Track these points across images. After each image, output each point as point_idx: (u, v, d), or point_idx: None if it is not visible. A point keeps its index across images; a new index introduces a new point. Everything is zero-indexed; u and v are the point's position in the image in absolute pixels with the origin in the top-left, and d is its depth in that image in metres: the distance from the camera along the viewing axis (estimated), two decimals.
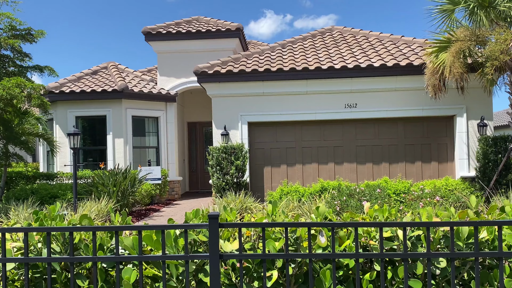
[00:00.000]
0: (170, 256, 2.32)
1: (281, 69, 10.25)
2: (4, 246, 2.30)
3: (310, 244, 2.26)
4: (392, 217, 2.77)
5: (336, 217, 7.02)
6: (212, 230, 2.21)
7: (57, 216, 2.78)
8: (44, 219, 2.73)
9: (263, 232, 2.25)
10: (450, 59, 8.25)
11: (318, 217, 2.76)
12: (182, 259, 2.31)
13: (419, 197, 8.18)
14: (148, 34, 13.11)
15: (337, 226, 2.22)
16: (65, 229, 2.32)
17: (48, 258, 2.33)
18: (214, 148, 10.11)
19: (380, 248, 2.28)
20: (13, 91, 8.42)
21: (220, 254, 2.25)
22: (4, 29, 9.48)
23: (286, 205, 8.45)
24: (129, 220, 3.05)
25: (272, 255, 2.29)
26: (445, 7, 8.76)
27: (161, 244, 2.36)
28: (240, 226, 2.25)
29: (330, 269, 2.59)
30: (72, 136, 8.55)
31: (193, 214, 2.83)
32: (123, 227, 2.31)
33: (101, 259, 2.33)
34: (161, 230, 2.32)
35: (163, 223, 8.63)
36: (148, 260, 2.35)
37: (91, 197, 9.53)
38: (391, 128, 10.60)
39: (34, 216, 3.06)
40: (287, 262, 2.27)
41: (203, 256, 2.30)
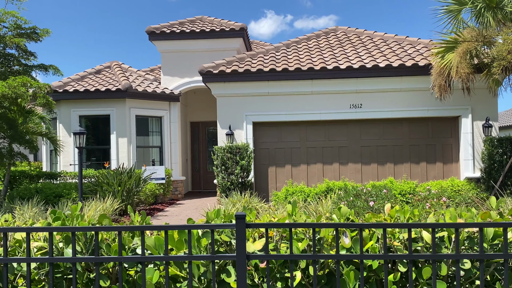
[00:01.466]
0: (196, 256, 2.30)
1: (286, 69, 10.24)
2: (28, 246, 2.28)
3: (338, 245, 2.24)
4: (416, 218, 2.76)
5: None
6: (239, 230, 2.20)
7: (79, 216, 2.76)
8: (66, 219, 2.71)
9: (290, 232, 2.23)
10: (457, 60, 8.25)
11: (340, 218, 2.74)
12: (209, 259, 2.29)
13: (425, 197, 8.18)
14: (152, 34, 13.09)
15: (365, 227, 2.20)
16: (90, 229, 2.30)
17: (73, 258, 2.30)
18: (219, 148, 10.09)
19: (409, 249, 2.26)
20: (19, 90, 8.39)
21: (247, 254, 2.23)
22: (10, 28, 9.45)
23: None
24: (148, 220, 3.04)
25: (299, 256, 2.28)
26: (451, 7, 8.76)
27: (187, 244, 2.34)
28: (267, 227, 2.24)
29: (353, 270, 2.57)
30: (78, 135, 8.52)
31: (214, 214, 2.81)
32: (148, 227, 2.29)
33: (127, 259, 2.31)
34: (187, 230, 2.30)
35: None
36: (174, 260, 2.33)
37: (96, 197, 9.51)
38: (396, 129, 10.60)
39: (52, 216, 3.04)
40: (314, 263, 2.25)
41: (229, 256, 2.28)
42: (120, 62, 14.15)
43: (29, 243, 2.28)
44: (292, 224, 2.23)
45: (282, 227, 2.22)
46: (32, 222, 3.08)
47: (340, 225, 2.23)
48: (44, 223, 2.83)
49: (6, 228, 2.28)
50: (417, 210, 2.84)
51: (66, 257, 2.35)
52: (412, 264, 2.25)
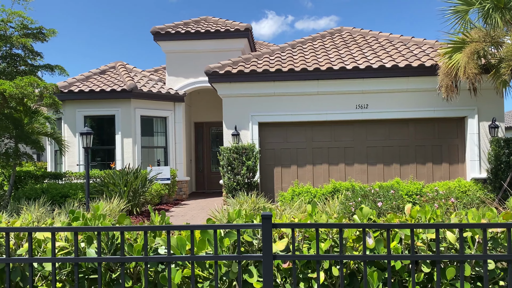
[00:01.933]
0: (222, 256, 2.29)
1: (292, 69, 10.23)
2: (53, 245, 2.27)
3: (365, 245, 2.23)
4: (439, 219, 2.75)
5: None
6: (265, 230, 2.19)
7: (101, 216, 2.75)
8: (88, 219, 2.70)
9: (316, 232, 2.22)
10: (465, 60, 8.24)
11: (362, 218, 2.73)
12: (235, 259, 2.28)
13: (433, 198, 8.17)
14: (157, 34, 13.09)
15: (393, 227, 2.19)
16: (115, 229, 2.29)
17: (98, 258, 2.30)
18: (225, 148, 10.08)
19: (437, 250, 2.25)
20: (26, 90, 8.38)
21: (273, 254, 2.22)
22: (16, 28, 9.45)
23: (299, 206, 8.42)
24: (168, 220, 3.03)
25: (326, 256, 2.27)
26: (459, 8, 8.74)
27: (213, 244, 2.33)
28: (293, 227, 2.23)
29: (377, 271, 2.56)
30: (85, 136, 8.51)
31: (236, 214, 2.80)
32: (174, 227, 2.28)
33: (153, 259, 2.30)
34: (213, 229, 2.29)
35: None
36: (201, 260, 2.32)
37: (102, 197, 9.50)
38: (402, 129, 10.59)
39: (70, 216, 3.03)
40: (341, 263, 2.24)
41: (256, 256, 2.27)
42: (124, 62, 14.15)
43: (54, 243, 2.27)
44: (319, 224, 2.22)
45: (309, 227, 2.21)
46: (51, 222, 3.07)
47: (367, 226, 2.22)
48: (65, 223, 2.82)
49: (31, 228, 2.27)
50: (439, 210, 2.83)
51: (92, 257, 2.33)
52: (439, 264, 2.23)
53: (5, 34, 9.36)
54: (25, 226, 3.07)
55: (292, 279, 2.25)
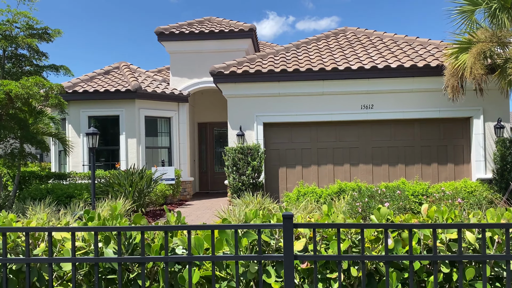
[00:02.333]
0: (243, 256, 2.28)
1: (297, 69, 10.22)
2: (73, 246, 2.26)
3: (387, 245, 2.22)
4: (458, 219, 2.73)
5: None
6: (286, 230, 2.17)
7: (119, 216, 2.74)
8: (106, 219, 2.69)
9: (338, 233, 2.21)
10: (471, 60, 8.22)
11: (380, 218, 2.72)
12: (255, 259, 2.27)
13: (440, 199, 8.15)
14: (161, 35, 13.08)
15: (415, 228, 2.18)
16: (136, 229, 2.28)
17: (119, 258, 2.28)
18: (230, 148, 10.08)
19: (459, 250, 2.24)
20: (32, 90, 8.38)
21: (294, 255, 2.21)
22: (22, 28, 9.45)
23: (305, 206, 8.40)
24: (183, 220, 3.02)
25: (348, 257, 2.26)
26: (465, 8, 8.73)
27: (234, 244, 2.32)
28: (315, 227, 2.21)
29: (396, 271, 2.55)
30: (91, 136, 8.50)
31: (253, 214, 2.79)
32: (196, 227, 2.27)
33: (173, 259, 2.29)
34: (234, 229, 2.28)
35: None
36: (221, 260, 2.31)
37: (107, 197, 9.49)
38: (407, 130, 10.57)
39: (85, 216, 3.02)
40: (363, 264, 2.23)
41: (277, 256, 2.26)
42: (128, 63, 14.15)
43: (74, 243, 2.26)
44: (340, 225, 2.21)
45: (330, 228, 2.20)
46: (66, 222, 3.06)
47: (389, 226, 2.20)
48: (81, 223, 2.82)
49: (51, 228, 2.26)
50: (456, 211, 2.81)
51: (113, 257, 2.32)
52: (461, 265, 2.22)
53: (10, 35, 9.37)
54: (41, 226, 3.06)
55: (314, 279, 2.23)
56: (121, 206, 2.87)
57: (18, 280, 2.76)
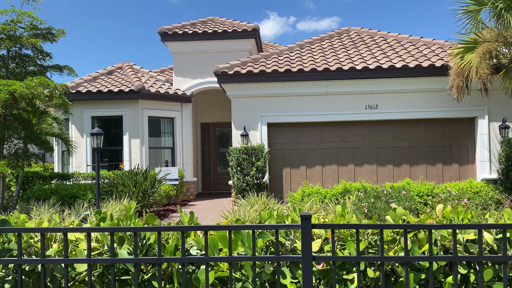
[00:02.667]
0: (261, 257, 2.26)
1: (301, 69, 10.20)
2: (89, 246, 2.24)
3: (407, 246, 2.19)
4: (475, 219, 2.71)
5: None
6: (304, 231, 2.15)
7: (132, 216, 2.72)
8: (120, 220, 2.67)
9: (356, 233, 2.18)
10: (477, 60, 8.19)
11: (397, 219, 2.69)
12: (273, 260, 2.24)
13: (446, 199, 8.12)
14: (164, 35, 13.07)
15: (435, 228, 2.16)
16: (152, 229, 2.26)
17: (135, 259, 2.26)
18: (234, 148, 10.05)
19: (479, 251, 2.21)
20: (36, 90, 8.36)
21: (313, 256, 2.18)
22: (26, 28, 9.43)
23: (310, 206, 8.38)
24: (196, 220, 2.99)
25: (368, 258, 2.23)
26: (470, 8, 8.69)
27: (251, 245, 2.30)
28: (333, 227, 2.19)
29: (413, 272, 2.53)
30: (96, 136, 8.49)
31: (267, 215, 2.77)
32: (213, 227, 2.25)
33: (190, 260, 2.27)
34: (252, 230, 2.25)
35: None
36: (238, 261, 2.28)
37: (111, 197, 9.47)
38: (411, 130, 10.55)
39: (97, 216, 3.00)
40: (382, 265, 2.20)
41: (295, 257, 2.23)
42: (131, 63, 14.14)
43: (89, 244, 2.24)
44: (359, 225, 2.18)
45: (349, 228, 2.18)
46: (78, 223, 3.03)
47: (409, 226, 2.18)
48: (93, 224, 2.79)
49: (66, 229, 2.24)
50: (472, 211, 2.79)
51: (129, 257, 2.30)
52: (482, 265, 2.19)
53: (14, 35, 9.35)
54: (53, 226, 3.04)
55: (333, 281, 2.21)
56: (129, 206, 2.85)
57: (30, 281, 2.74)
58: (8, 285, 2.57)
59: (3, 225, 2.60)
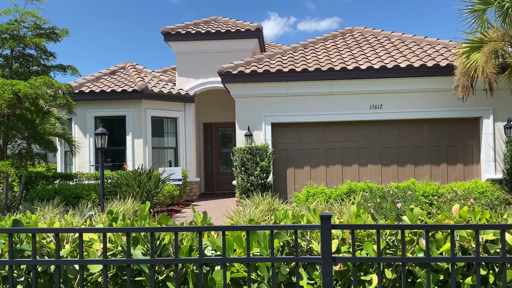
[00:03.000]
0: (280, 258, 2.22)
1: (306, 69, 10.16)
2: (105, 247, 2.21)
3: (428, 247, 2.15)
4: (494, 220, 2.67)
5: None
6: (324, 231, 2.11)
7: (146, 216, 2.68)
8: (135, 220, 2.63)
9: (378, 234, 2.15)
10: (483, 59, 8.16)
11: (414, 219, 2.66)
12: (293, 261, 2.21)
13: (452, 199, 8.08)
14: (167, 34, 13.03)
15: (457, 229, 2.12)
16: (170, 229, 2.22)
17: (151, 259, 2.22)
18: (238, 148, 10.02)
19: (502, 252, 2.18)
20: (41, 90, 8.33)
21: (333, 257, 2.15)
22: (29, 28, 9.40)
23: (315, 207, 8.33)
24: (209, 220, 2.96)
25: (389, 259, 2.19)
26: (476, 7, 8.66)
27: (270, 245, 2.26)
28: (353, 228, 2.15)
29: (432, 273, 2.49)
30: (100, 136, 8.45)
31: (282, 215, 2.73)
32: (231, 227, 2.21)
33: (208, 261, 2.23)
34: (270, 230, 2.22)
35: None
36: (256, 262, 2.25)
37: (115, 198, 9.43)
38: (416, 130, 10.51)
39: (109, 217, 2.97)
40: (403, 265, 2.17)
41: (315, 258, 2.20)
42: (134, 63, 14.11)
43: (105, 244, 2.20)
44: (380, 226, 2.15)
45: (369, 229, 2.14)
46: (90, 223, 3.00)
47: (431, 227, 2.14)
48: (106, 224, 2.76)
49: (81, 229, 2.20)
50: (489, 212, 2.75)
51: (145, 258, 2.26)
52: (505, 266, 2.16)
53: (18, 34, 9.31)
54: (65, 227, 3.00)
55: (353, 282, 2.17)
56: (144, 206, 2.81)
57: (42, 281, 2.71)
58: (21, 286, 2.54)
59: (16, 226, 2.56)
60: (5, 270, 2.61)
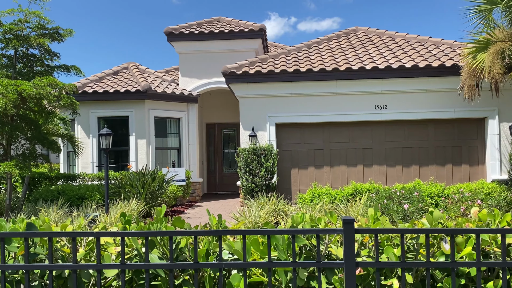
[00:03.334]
0: (301, 263, 2.18)
1: (310, 69, 10.12)
2: (123, 251, 2.16)
3: (454, 251, 2.11)
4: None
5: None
6: (347, 236, 2.07)
7: (163, 219, 2.64)
8: (151, 223, 2.59)
9: (402, 238, 2.11)
10: (490, 60, 8.11)
11: (434, 223, 2.61)
12: (315, 266, 2.16)
13: (459, 200, 8.04)
14: (171, 35, 12.99)
15: (482, 233, 2.08)
16: (189, 233, 2.18)
17: (170, 264, 2.18)
18: (243, 149, 9.97)
19: None
20: (45, 90, 8.28)
21: (356, 261, 2.10)
22: (33, 28, 9.35)
23: (320, 208, 8.29)
24: (224, 223, 2.92)
25: (413, 263, 2.15)
26: (482, 7, 8.62)
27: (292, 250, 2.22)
28: (377, 232, 2.11)
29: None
30: (104, 137, 8.41)
31: (300, 218, 2.69)
32: (249, 231, 2.17)
33: (228, 266, 2.19)
34: (291, 234, 2.17)
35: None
36: (278, 266, 2.20)
37: (119, 198, 9.39)
38: (421, 130, 10.46)
39: (122, 219, 2.93)
40: (427, 271, 2.12)
41: (338, 263, 2.15)
42: (137, 63, 14.06)
43: (123, 248, 2.16)
44: (404, 230, 2.10)
45: (394, 233, 2.10)
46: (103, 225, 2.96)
47: (458, 231, 2.10)
48: (120, 227, 2.71)
49: (99, 233, 2.16)
50: (510, 214, 2.71)
51: (164, 263, 2.22)
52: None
53: (22, 34, 9.27)
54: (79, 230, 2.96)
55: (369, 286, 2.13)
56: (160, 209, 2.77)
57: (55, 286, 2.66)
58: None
59: (30, 229, 2.52)
60: (19, 274, 2.56)
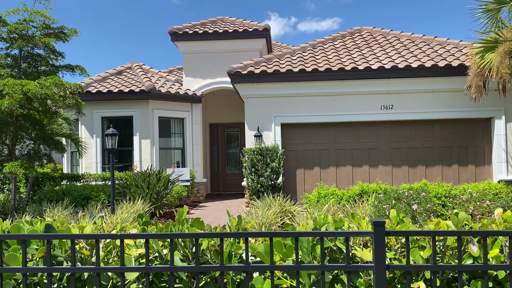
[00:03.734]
0: (330, 266, 2.13)
1: (316, 69, 10.07)
2: (147, 253, 2.11)
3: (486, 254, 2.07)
4: None
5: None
6: (377, 238, 2.02)
7: (184, 221, 2.59)
8: (173, 225, 2.54)
9: (433, 241, 2.06)
10: (498, 59, 8.07)
11: (460, 225, 2.57)
12: (343, 269, 2.12)
13: (467, 200, 8.00)
14: (175, 34, 12.94)
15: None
16: (215, 235, 2.13)
17: (196, 267, 2.13)
18: (248, 149, 9.92)
19: None
20: (51, 90, 8.23)
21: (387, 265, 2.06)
22: (38, 28, 9.30)
23: (327, 208, 8.24)
24: (243, 225, 2.87)
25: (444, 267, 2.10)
26: (490, 6, 8.59)
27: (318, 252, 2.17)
28: (408, 235, 2.06)
29: (480, 281, 2.40)
30: (110, 137, 8.36)
31: (323, 220, 2.64)
32: (276, 233, 2.12)
33: (255, 268, 2.14)
34: (319, 237, 2.13)
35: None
36: (306, 270, 2.16)
37: (124, 199, 9.34)
38: (427, 130, 10.42)
39: (140, 221, 2.88)
40: (460, 274, 2.08)
41: (367, 266, 2.11)
42: (140, 63, 14.01)
43: (147, 250, 2.11)
44: (436, 232, 2.06)
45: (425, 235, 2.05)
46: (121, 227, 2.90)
47: (490, 233, 2.05)
48: (140, 229, 2.67)
49: (122, 235, 2.11)
50: None
51: (189, 265, 2.17)
52: None
53: (26, 34, 9.22)
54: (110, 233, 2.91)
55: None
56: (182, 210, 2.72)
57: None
58: None
59: (49, 231, 2.47)
60: (37, 277, 2.52)
